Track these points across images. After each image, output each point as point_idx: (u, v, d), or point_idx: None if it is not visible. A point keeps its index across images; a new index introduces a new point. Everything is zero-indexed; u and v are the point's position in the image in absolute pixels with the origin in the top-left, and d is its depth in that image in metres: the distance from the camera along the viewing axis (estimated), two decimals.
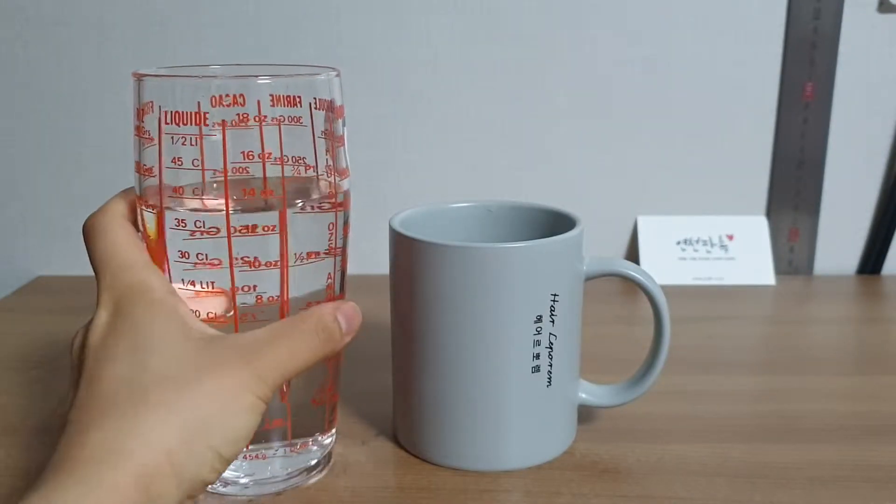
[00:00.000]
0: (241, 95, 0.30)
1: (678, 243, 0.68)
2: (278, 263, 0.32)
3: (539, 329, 0.36)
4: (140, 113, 0.31)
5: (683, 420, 0.42)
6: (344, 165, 0.34)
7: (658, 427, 0.42)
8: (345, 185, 0.34)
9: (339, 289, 0.36)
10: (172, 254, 0.32)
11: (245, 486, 0.35)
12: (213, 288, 0.32)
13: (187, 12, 0.63)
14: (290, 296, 0.33)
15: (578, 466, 0.38)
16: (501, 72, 0.66)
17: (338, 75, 0.33)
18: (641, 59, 0.66)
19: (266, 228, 0.31)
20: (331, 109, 0.33)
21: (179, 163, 0.31)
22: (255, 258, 0.31)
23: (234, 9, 0.64)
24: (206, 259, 0.31)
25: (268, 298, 0.32)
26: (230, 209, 0.31)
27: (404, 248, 0.37)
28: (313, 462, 0.37)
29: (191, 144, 0.30)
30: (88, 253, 0.32)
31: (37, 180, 0.68)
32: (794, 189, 0.68)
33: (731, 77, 0.66)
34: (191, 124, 0.30)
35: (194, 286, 0.32)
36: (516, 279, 0.35)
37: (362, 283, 0.68)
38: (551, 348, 0.36)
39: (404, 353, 0.38)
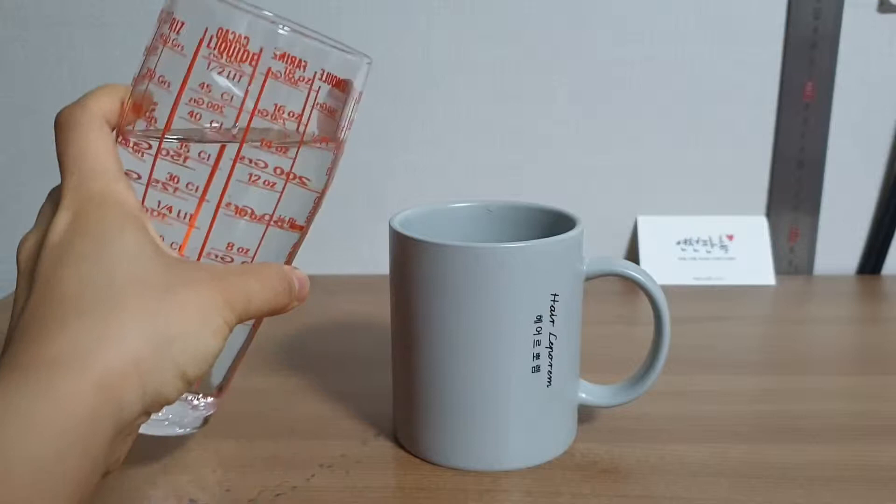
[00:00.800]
0: (247, 38, 0.30)
1: (678, 243, 0.68)
2: (206, 203, 0.31)
3: (539, 329, 0.36)
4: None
5: (683, 420, 0.42)
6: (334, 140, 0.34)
7: (658, 427, 0.42)
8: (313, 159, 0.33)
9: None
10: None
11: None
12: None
13: None
14: (199, 245, 0.32)
15: (578, 466, 0.38)
16: (501, 72, 0.66)
17: (369, 62, 0.33)
18: (641, 59, 0.66)
19: (205, 157, 0.30)
20: (340, 88, 0.32)
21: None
22: (184, 191, 0.31)
23: None
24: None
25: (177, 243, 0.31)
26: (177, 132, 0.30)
27: (404, 248, 0.37)
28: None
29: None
30: (57, 146, 0.30)
31: (37, 181, 0.68)
32: (794, 189, 0.68)
33: (731, 77, 0.66)
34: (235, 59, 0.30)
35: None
36: (516, 279, 0.35)
37: (362, 283, 0.68)
38: (551, 348, 0.37)
39: (404, 353, 0.38)
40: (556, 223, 0.40)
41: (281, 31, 0.30)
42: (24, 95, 0.67)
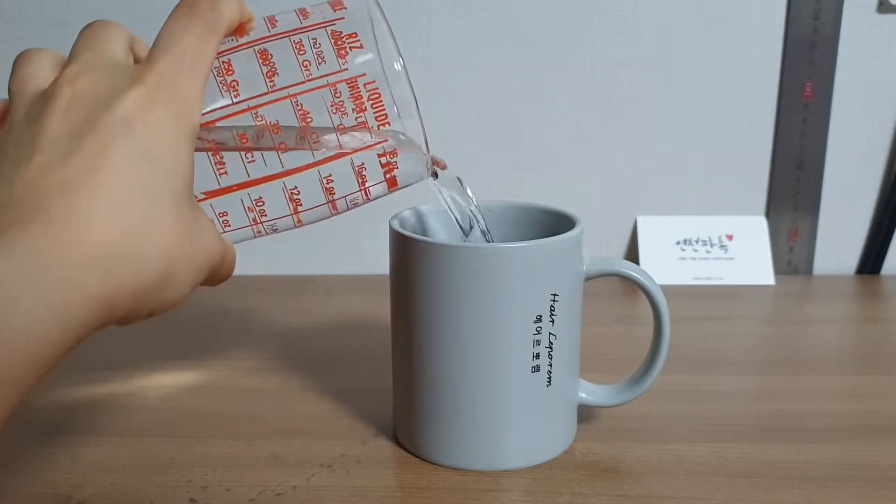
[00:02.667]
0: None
1: (678, 243, 0.68)
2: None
3: (539, 329, 0.36)
4: None
5: (683, 420, 0.43)
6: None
7: (658, 427, 0.42)
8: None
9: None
10: None
11: None
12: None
13: None
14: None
15: (578, 466, 0.38)
16: (501, 72, 0.66)
17: (402, 67, 0.33)
18: (641, 59, 0.66)
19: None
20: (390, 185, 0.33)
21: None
22: None
23: None
24: None
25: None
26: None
27: (404, 248, 0.37)
28: None
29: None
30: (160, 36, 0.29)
31: None
32: (793, 189, 0.68)
33: (731, 77, 0.66)
34: None
35: None
36: (516, 279, 0.35)
37: (362, 283, 0.68)
38: (551, 348, 0.37)
39: (404, 353, 0.38)
40: (556, 223, 0.40)
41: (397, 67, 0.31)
42: None
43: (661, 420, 0.42)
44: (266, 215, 0.32)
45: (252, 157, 0.31)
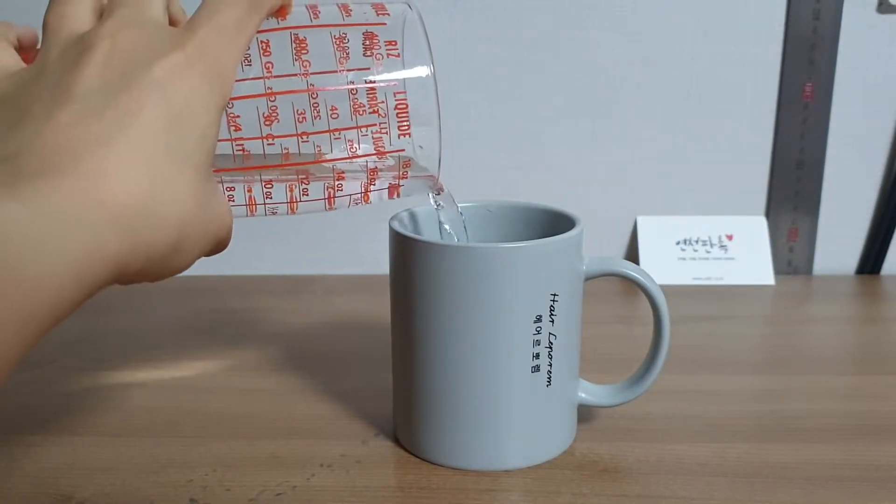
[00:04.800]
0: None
1: (678, 243, 0.68)
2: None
3: (539, 329, 0.36)
4: None
5: (683, 420, 0.43)
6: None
7: (658, 427, 0.42)
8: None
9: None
10: None
11: None
12: None
13: (189, 13, 0.63)
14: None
15: (578, 466, 0.38)
16: (501, 72, 0.66)
17: (434, 82, 0.33)
18: (641, 59, 0.66)
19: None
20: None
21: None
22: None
23: None
24: None
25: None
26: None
27: (404, 248, 0.37)
28: None
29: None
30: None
31: None
32: (793, 189, 0.68)
33: (731, 77, 0.66)
34: None
35: None
36: (516, 279, 0.35)
37: (362, 283, 0.68)
38: (551, 348, 0.37)
39: (404, 353, 0.38)
40: (556, 223, 0.40)
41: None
42: None
43: (661, 420, 0.42)
44: (271, 198, 0.32)
45: (272, 142, 0.31)
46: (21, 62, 0.29)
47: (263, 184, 0.32)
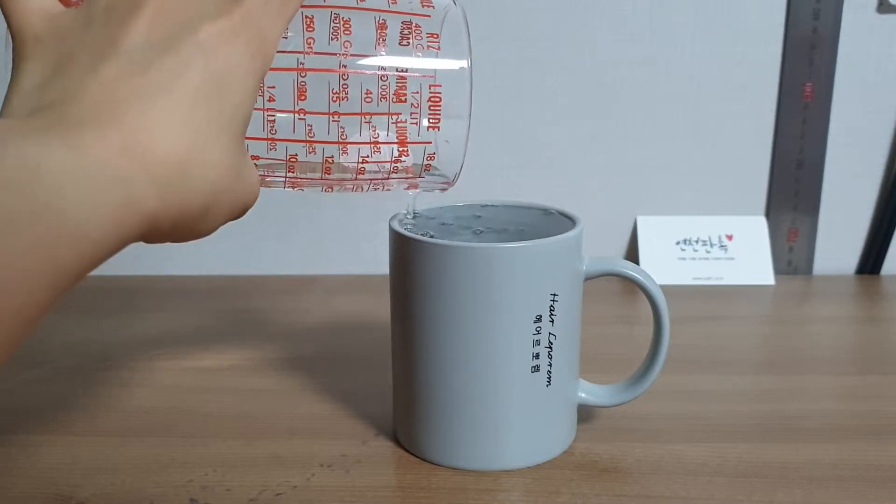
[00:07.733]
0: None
1: (678, 243, 0.68)
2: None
3: (539, 329, 0.36)
4: None
5: (683, 420, 0.43)
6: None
7: (658, 427, 0.42)
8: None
9: None
10: None
11: None
12: None
13: None
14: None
15: (578, 466, 0.38)
16: (501, 72, 0.66)
17: (470, 79, 0.33)
18: (641, 59, 0.66)
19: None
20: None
21: None
22: None
23: None
24: None
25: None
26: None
27: (404, 248, 0.37)
28: None
29: None
30: None
31: None
32: (793, 189, 0.68)
33: (731, 77, 0.66)
34: None
35: None
36: (516, 279, 0.35)
37: (362, 283, 0.68)
38: (551, 348, 0.37)
39: (404, 353, 0.38)
40: (556, 223, 0.40)
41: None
42: None
43: (661, 420, 0.42)
44: (294, 171, 0.32)
45: (303, 117, 0.31)
46: (59, 4, 0.29)
47: (289, 157, 0.32)
